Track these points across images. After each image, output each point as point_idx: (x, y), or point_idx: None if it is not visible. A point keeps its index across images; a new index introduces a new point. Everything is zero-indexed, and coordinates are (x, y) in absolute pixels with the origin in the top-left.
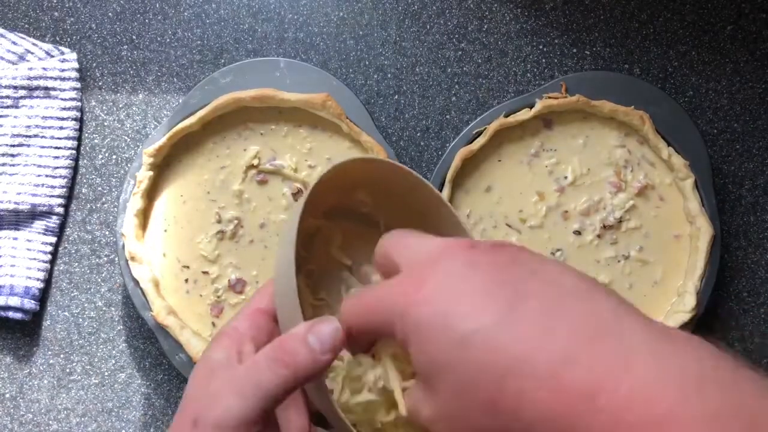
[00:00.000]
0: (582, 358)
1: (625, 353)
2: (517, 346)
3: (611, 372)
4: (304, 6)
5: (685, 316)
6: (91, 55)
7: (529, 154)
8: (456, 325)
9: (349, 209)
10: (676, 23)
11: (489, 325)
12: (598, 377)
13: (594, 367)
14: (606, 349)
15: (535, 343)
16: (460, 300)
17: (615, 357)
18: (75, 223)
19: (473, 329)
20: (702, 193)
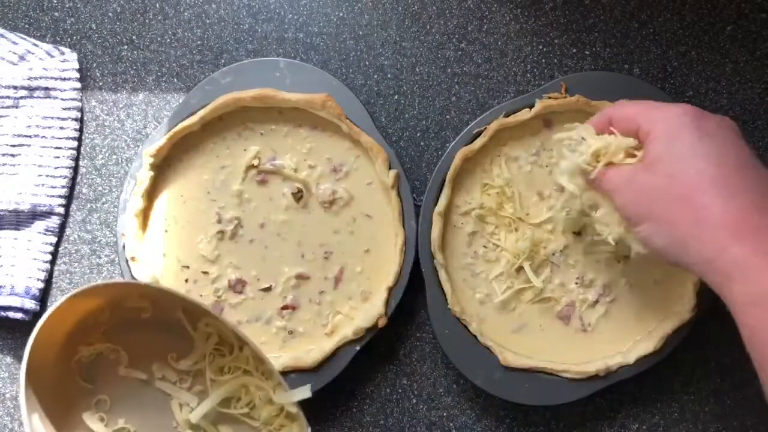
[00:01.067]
0: (757, 211)
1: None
2: (721, 175)
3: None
4: (304, 6)
5: (684, 316)
6: (91, 55)
7: (529, 154)
8: (700, 138)
9: (131, 320)
10: (676, 23)
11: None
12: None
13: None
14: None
15: (733, 185)
16: (710, 130)
17: None
18: (75, 223)
19: (707, 144)
20: None
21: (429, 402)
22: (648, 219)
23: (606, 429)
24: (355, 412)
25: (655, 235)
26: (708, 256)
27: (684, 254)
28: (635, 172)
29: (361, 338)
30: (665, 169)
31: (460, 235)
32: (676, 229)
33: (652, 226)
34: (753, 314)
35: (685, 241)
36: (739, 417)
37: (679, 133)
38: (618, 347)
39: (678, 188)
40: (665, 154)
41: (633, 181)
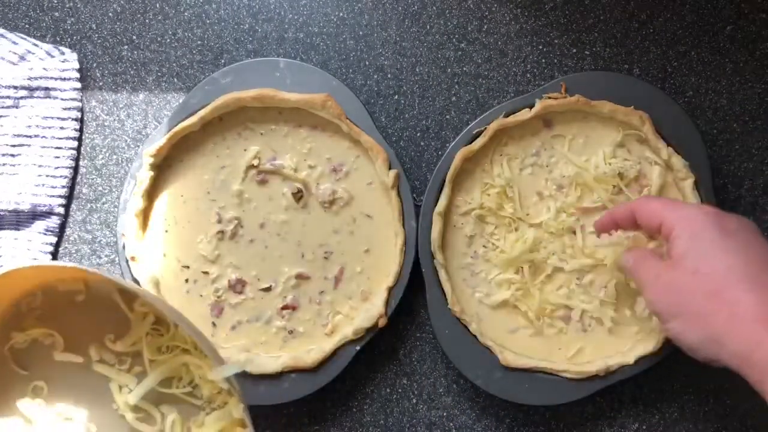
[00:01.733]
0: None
1: None
2: (747, 271)
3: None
4: (304, 6)
5: None
6: (91, 55)
7: (529, 154)
8: (721, 237)
9: (66, 304)
10: (676, 23)
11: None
12: None
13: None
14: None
15: (758, 281)
16: (732, 229)
17: None
18: (75, 223)
19: (729, 244)
20: (702, 193)
21: (429, 402)
22: (678, 316)
23: (606, 429)
24: (355, 412)
25: (687, 332)
26: (744, 350)
27: (719, 350)
28: (663, 268)
29: (361, 338)
30: (692, 266)
31: (460, 235)
32: (708, 325)
33: (683, 323)
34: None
35: (719, 337)
36: (739, 417)
37: (703, 231)
38: (618, 347)
39: (707, 284)
40: (690, 251)
41: (660, 277)
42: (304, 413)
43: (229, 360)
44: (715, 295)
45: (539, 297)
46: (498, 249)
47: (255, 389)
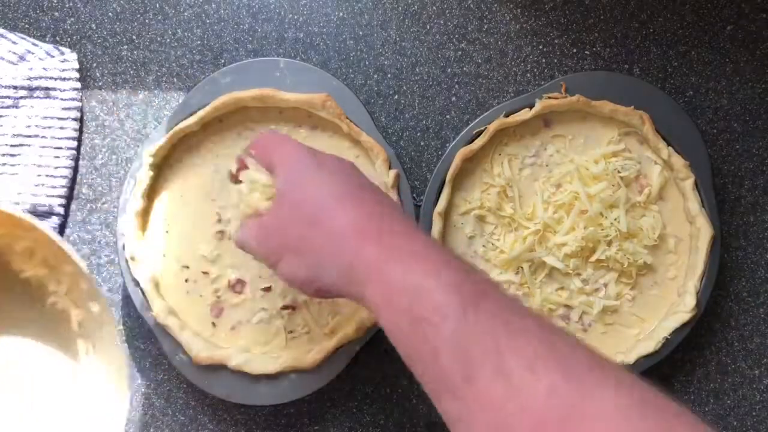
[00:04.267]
0: (375, 219)
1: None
2: (338, 196)
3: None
4: (304, 6)
5: (685, 316)
6: (91, 55)
7: (529, 154)
8: (323, 167)
9: None
10: (676, 23)
11: (343, 178)
12: (389, 230)
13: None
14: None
15: (365, 205)
16: (334, 165)
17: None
18: (75, 223)
19: (333, 174)
20: (702, 193)
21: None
22: (285, 253)
23: None
24: (355, 412)
25: (295, 267)
26: (345, 264)
27: (326, 274)
28: (266, 216)
29: (362, 338)
30: (292, 199)
31: (460, 235)
32: (312, 252)
33: (290, 259)
34: (386, 317)
35: (323, 260)
36: (739, 417)
37: (298, 163)
38: (618, 347)
39: (307, 213)
40: (288, 185)
41: (263, 225)
42: (304, 413)
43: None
44: (314, 221)
45: (539, 297)
46: (498, 249)
47: (255, 389)
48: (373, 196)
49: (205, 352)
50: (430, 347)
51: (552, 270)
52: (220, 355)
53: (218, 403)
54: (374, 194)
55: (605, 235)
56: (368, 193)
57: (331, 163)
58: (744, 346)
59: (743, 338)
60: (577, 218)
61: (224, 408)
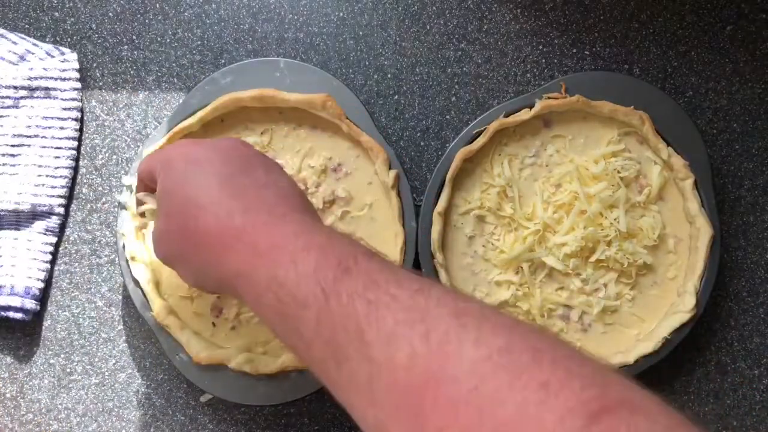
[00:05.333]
0: (238, 214)
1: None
2: (215, 193)
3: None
4: (304, 6)
5: (684, 316)
6: (91, 55)
7: (529, 154)
8: (191, 168)
9: None
10: (676, 23)
11: (207, 176)
12: (252, 228)
13: (243, 219)
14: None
15: (228, 198)
16: (202, 158)
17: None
18: (75, 223)
19: (197, 174)
20: (701, 193)
21: None
22: (172, 262)
23: None
24: None
25: (184, 276)
26: (216, 274)
27: (207, 281)
28: (156, 224)
29: None
30: (166, 209)
31: (460, 235)
32: (189, 263)
33: (178, 268)
34: (263, 317)
35: (199, 270)
36: (739, 417)
37: (172, 169)
38: (618, 347)
39: (178, 222)
40: (163, 194)
41: (153, 235)
42: (304, 413)
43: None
44: (185, 230)
45: (539, 297)
46: (498, 249)
47: (255, 389)
48: (246, 181)
49: (205, 352)
50: (302, 341)
51: (552, 270)
52: (220, 355)
53: (218, 403)
54: (249, 177)
55: (605, 235)
56: (242, 178)
57: (205, 153)
58: (744, 346)
59: (743, 338)
60: (577, 218)
61: (224, 408)
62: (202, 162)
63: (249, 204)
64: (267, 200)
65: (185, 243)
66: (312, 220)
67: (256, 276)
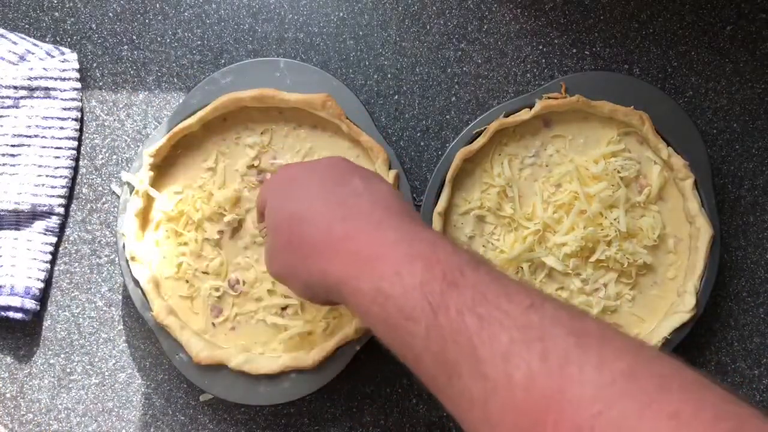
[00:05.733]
0: (337, 223)
1: (383, 242)
2: (316, 205)
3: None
4: (304, 6)
5: (684, 316)
6: (91, 55)
7: (529, 154)
8: (293, 185)
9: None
10: (676, 23)
11: (308, 190)
12: (353, 236)
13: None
14: (373, 234)
15: (327, 208)
16: (303, 176)
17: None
18: (75, 223)
19: (299, 190)
20: (701, 193)
21: (429, 402)
22: (283, 279)
23: None
24: (355, 412)
25: (296, 290)
26: (323, 286)
27: (317, 294)
28: (267, 243)
29: (362, 337)
30: (273, 227)
31: (460, 235)
32: (297, 278)
33: (289, 283)
34: (370, 325)
35: (307, 284)
36: None
37: (275, 191)
38: None
39: (283, 240)
40: (270, 213)
41: (264, 252)
42: (304, 413)
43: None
44: (290, 245)
45: None
46: (498, 249)
47: (255, 389)
48: (344, 191)
49: (205, 352)
50: (412, 353)
51: (552, 270)
52: (220, 355)
53: (218, 403)
54: (347, 187)
55: (605, 235)
56: (340, 189)
57: (305, 171)
58: (744, 346)
59: (743, 338)
60: (577, 218)
61: (224, 408)
62: (303, 178)
63: (348, 212)
64: (364, 208)
65: (292, 256)
66: (411, 225)
67: (360, 286)
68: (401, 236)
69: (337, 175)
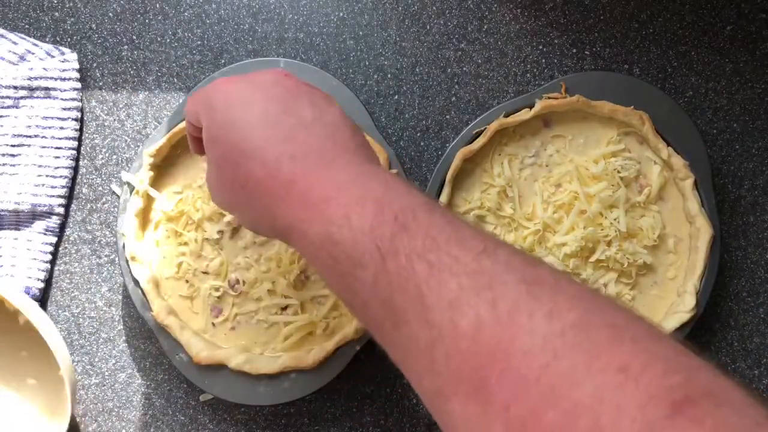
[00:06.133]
0: (285, 162)
1: (338, 182)
2: (261, 138)
3: (312, 177)
4: (304, 6)
5: (684, 316)
6: (91, 55)
7: (529, 154)
8: (233, 111)
9: None
10: (676, 23)
11: (250, 119)
12: (302, 177)
13: (305, 172)
14: (325, 173)
15: (274, 143)
16: (244, 100)
17: (328, 178)
18: (75, 223)
19: (240, 118)
20: (701, 193)
21: None
22: (228, 209)
23: None
24: (355, 412)
25: (246, 222)
26: (270, 226)
27: (262, 230)
28: (208, 171)
29: (362, 337)
30: (214, 154)
31: None
32: (242, 212)
33: (237, 215)
34: (319, 271)
35: (254, 220)
36: None
37: (213, 113)
38: None
39: (228, 171)
40: (208, 136)
41: (206, 179)
42: (304, 413)
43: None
44: (235, 177)
45: None
46: None
47: (255, 389)
48: (291, 121)
49: (205, 352)
50: (359, 299)
51: None
52: (220, 355)
53: (218, 403)
54: (294, 115)
55: (605, 235)
56: (287, 118)
57: (247, 92)
58: (744, 346)
59: (743, 338)
60: (577, 218)
61: (224, 408)
62: (244, 103)
63: (296, 149)
64: (314, 143)
65: (237, 193)
66: (364, 163)
67: (309, 231)
68: (353, 176)
69: (283, 99)
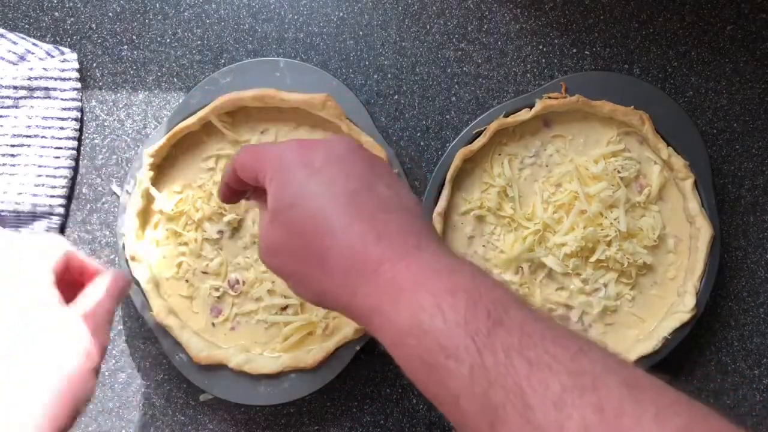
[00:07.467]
0: (371, 243)
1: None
2: (346, 214)
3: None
4: (304, 6)
5: (684, 316)
6: (91, 55)
7: (529, 154)
8: (313, 180)
9: None
10: (676, 23)
11: (334, 192)
12: (390, 260)
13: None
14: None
15: (358, 221)
16: (324, 170)
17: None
18: (75, 223)
19: (320, 191)
20: (702, 193)
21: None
22: (287, 277)
23: None
24: (355, 412)
25: (301, 293)
26: (345, 305)
27: (331, 304)
28: (264, 226)
29: (362, 338)
30: (283, 220)
31: (460, 235)
32: (309, 286)
33: (293, 284)
34: (399, 358)
35: (323, 295)
36: (739, 417)
37: (288, 176)
38: (618, 347)
39: (298, 243)
40: (278, 203)
41: (262, 242)
42: (304, 413)
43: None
44: (307, 251)
45: (539, 297)
46: (498, 249)
47: (255, 389)
48: (372, 201)
49: (205, 352)
50: (449, 393)
51: (552, 270)
52: (220, 355)
53: (218, 403)
54: (374, 194)
55: (605, 235)
56: (367, 197)
57: (325, 162)
58: (744, 346)
59: (743, 338)
60: (577, 218)
61: (224, 408)
62: (323, 174)
63: (380, 230)
64: (396, 225)
65: (309, 264)
66: (445, 251)
67: (397, 316)
68: (440, 264)
69: (363, 175)
